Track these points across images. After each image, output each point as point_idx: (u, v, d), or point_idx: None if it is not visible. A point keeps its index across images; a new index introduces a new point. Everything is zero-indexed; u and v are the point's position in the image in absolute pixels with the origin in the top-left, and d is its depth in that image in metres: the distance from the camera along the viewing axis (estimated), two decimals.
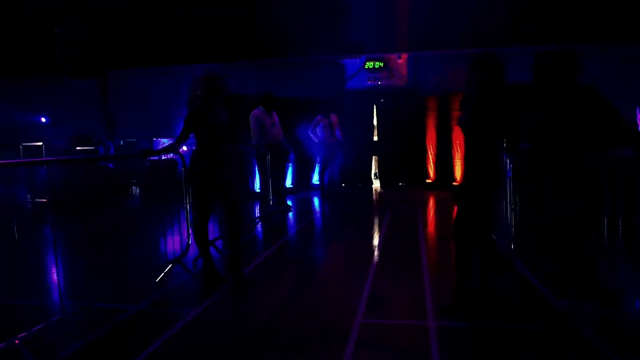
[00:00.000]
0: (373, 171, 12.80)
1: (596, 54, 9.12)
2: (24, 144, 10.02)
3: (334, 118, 10.29)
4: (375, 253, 5.76)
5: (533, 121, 4.17)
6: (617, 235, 2.72)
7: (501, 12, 10.26)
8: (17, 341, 3.06)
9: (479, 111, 3.53)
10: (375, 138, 12.54)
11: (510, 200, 4.71)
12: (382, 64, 12.35)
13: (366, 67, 12.43)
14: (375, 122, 12.54)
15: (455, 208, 3.88)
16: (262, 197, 7.81)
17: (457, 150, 10.58)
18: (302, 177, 11.67)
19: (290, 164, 9.57)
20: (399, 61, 12.40)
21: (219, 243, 5.76)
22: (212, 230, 5.62)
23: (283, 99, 9.64)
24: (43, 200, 9.18)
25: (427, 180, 11.79)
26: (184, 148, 6.18)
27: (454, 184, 10.73)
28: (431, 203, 9.91)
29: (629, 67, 9.40)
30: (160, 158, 5.11)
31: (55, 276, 3.42)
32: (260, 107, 8.44)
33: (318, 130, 10.18)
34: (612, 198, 2.77)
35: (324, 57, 12.39)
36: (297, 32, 11.10)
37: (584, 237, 3.15)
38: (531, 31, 10.29)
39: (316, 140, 10.13)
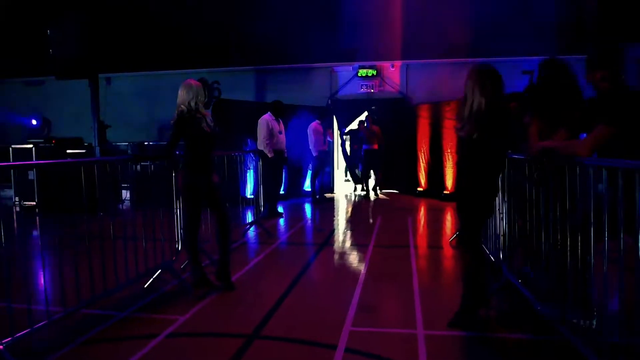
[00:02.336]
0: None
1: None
2: (13, 146, 9.95)
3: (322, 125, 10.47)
4: (365, 260, 5.76)
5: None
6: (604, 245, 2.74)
7: (494, 23, 10.37)
8: (1, 346, 3.01)
9: (483, 121, 3.48)
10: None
11: (500, 210, 4.73)
12: (374, 72, 12.42)
13: (359, 75, 12.50)
14: None
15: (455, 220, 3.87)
16: (256, 202, 7.79)
17: (448, 159, 10.62)
18: (293, 183, 11.67)
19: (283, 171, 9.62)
20: (392, 69, 12.47)
21: (207, 248, 5.73)
22: (201, 236, 5.60)
23: None
24: (32, 203, 9.12)
25: (419, 189, 11.82)
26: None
27: (445, 192, 10.76)
28: (422, 211, 9.93)
29: None
30: (150, 163, 5.08)
31: (41, 281, 3.39)
32: (269, 112, 8.55)
33: (314, 137, 10.28)
34: (597, 207, 2.79)
35: (317, 65, 12.45)
36: (291, 40, 11.16)
37: (573, 245, 3.17)
38: (522, 42, 10.42)
39: (313, 148, 10.26)
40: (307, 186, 12.19)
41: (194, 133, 4.38)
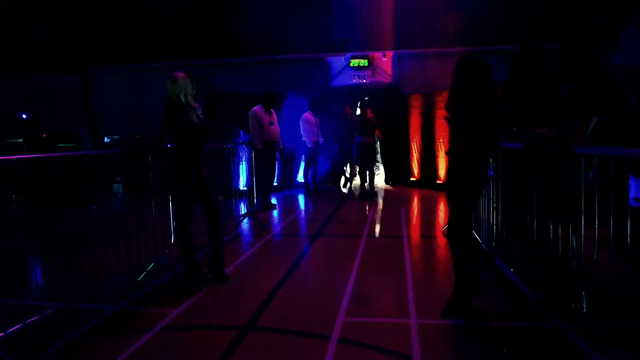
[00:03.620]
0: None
1: None
2: (4, 141, 9.88)
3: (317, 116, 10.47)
4: (359, 251, 5.77)
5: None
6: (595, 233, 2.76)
7: (484, 13, 10.37)
8: None
9: (473, 110, 3.49)
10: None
11: (492, 199, 4.75)
12: (366, 62, 12.36)
13: (351, 65, 12.44)
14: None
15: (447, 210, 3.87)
16: (249, 194, 7.79)
17: (441, 148, 10.64)
18: (286, 175, 11.66)
19: (277, 162, 9.62)
20: (384, 59, 12.42)
21: (201, 241, 5.73)
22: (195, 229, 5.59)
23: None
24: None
25: (412, 179, 11.83)
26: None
27: (438, 182, 10.78)
28: (415, 201, 9.95)
29: None
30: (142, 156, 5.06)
31: (33, 276, 3.37)
32: (259, 104, 8.54)
33: (307, 128, 10.28)
34: (588, 196, 2.81)
35: (309, 55, 12.38)
36: (282, 30, 11.09)
37: (565, 235, 3.19)
38: (512, 32, 10.44)
39: (307, 139, 10.26)
40: (300, 177, 12.17)
41: (183, 126, 4.37)
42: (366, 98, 11.10)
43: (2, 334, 3.07)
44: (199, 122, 4.47)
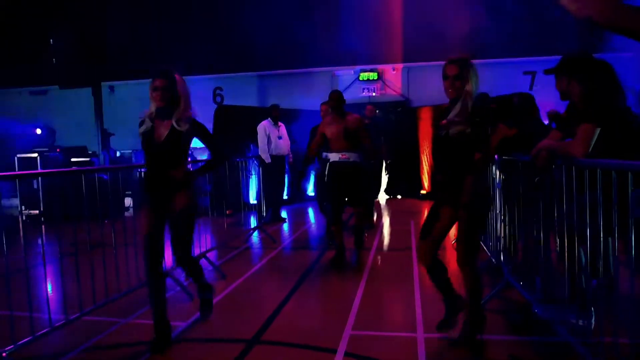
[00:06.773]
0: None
1: None
2: (18, 155, 10.03)
3: None
4: (367, 264, 5.76)
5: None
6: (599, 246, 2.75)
7: (492, 25, 10.42)
8: (4, 354, 3.05)
9: (478, 116, 3.42)
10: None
11: (500, 212, 4.74)
12: (376, 76, 12.44)
13: (360, 78, 12.53)
14: None
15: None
16: (259, 207, 7.83)
17: None
18: (296, 188, 11.69)
19: (287, 175, 9.64)
20: (393, 72, 12.50)
21: (211, 255, 5.77)
22: (204, 242, 5.63)
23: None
24: (35, 212, 9.18)
25: (422, 191, 11.82)
26: None
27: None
28: (425, 214, 9.90)
29: None
30: None
31: (44, 288, 3.43)
32: (268, 118, 8.62)
33: None
34: (592, 209, 2.81)
35: (318, 69, 12.50)
36: (292, 44, 11.22)
37: (570, 249, 3.18)
38: (523, 43, 10.47)
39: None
40: (310, 191, 12.20)
41: (143, 145, 3.56)
42: (377, 111, 10.72)
43: (12, 346, 3.11)
44: (161, 140, 3.46)
